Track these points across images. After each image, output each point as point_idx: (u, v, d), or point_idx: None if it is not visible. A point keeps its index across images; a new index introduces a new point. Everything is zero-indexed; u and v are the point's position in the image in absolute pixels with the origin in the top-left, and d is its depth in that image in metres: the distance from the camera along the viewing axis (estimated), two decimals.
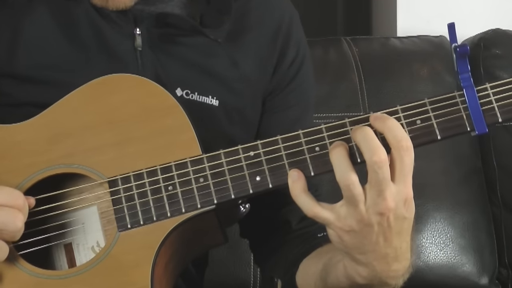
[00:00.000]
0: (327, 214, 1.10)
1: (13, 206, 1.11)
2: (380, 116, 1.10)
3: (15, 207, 1.11)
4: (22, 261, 1.14)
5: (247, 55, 1.41)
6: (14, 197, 1.12)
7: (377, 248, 1.11)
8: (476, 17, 2.40)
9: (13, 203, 1.11)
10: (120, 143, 1.18)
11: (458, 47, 1.12)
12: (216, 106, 1.36)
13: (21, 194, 1.13)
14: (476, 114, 1.12)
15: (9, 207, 1.10)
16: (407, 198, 1.09)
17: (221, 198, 1.14)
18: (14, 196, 1.12)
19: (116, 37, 1.32)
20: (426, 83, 2.12)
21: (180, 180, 1.15)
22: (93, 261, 1.14)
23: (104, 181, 1.16)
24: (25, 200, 1.12)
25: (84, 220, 1.21)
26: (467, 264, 2.05)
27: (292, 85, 1.46)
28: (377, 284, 1.16)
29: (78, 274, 1.14)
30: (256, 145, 1.15)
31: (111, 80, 1.22)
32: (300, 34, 1.50)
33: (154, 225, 1.14)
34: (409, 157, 1.07)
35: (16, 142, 1.19)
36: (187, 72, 1.35)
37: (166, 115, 1.19)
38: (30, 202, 1.14)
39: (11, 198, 1.11)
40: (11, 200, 1.11)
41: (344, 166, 1.07)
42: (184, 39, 1.35)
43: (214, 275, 1.67)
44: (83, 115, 1.20)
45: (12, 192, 1.12)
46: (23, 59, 1.30)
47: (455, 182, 2.09)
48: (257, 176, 1.14)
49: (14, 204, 1.11)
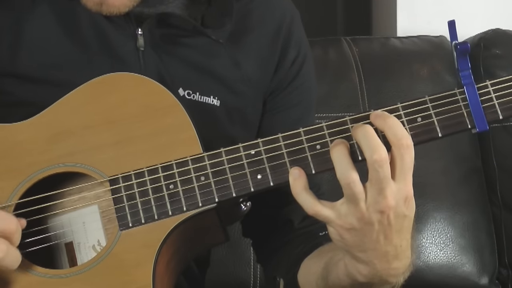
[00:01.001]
0: (327, 212, 1.10)
1: (2, 233, 1.09)
2: (381, 114, 1.10)
3: (4, 233, 1.09)
4: (24, 260, 1.14)
5: (248, 56, 1.41)
6: (5, 221, 1.10)
7: (378, 246, 1.11)
8: (476, 17, 2.40)
9: (2, 229, 1.09)
10: (120, 142, 1.18)
11: (458, 44, 1.12)
12: (217, 106, 1.37)
13: (14, 218, 1.11)
14: (476, 111, 1.12)
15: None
16: (408, 196, 1.09)
17: (222, 196, 1.14)
18: (5, 221, 1.10)
19: (118, 37, 1.32)
20: (426, 83, 2.12)
21: (181, 178, 1.15)
22: (95, 260, 1.14)
23: (105, 180, 1.16)
24: (18, 224, 1.11)
25: (85, 219, 1.21)
26: (467, 264, 2.05)
27: (294, 85, 1.46)
28: (378, 282, 1.17)
29: (80, 273, 1.14)
30: (257, 143, 1.15)
31: (111, 79, 1.22)
32: (301, 34, 1.50)
33: (155, 223, 1.14)
34: (410, 155, 1.07)
35: (17, 142, 1.19)
36: (188, 73, 1.35)
37: (167, 113, 1.19)
38: (22, 223, 1.13)
39: (3, 223, 1.10)
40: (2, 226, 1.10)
41: (344, 164, 1.07)
42: (185, 40, 1.36)
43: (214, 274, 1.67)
44: (83, 114, 1.20)
45: (3, 217, 1.11)
46: (25, 59, 1.30)
47: (455, 182, 2.10)
48: (258, 174, 1.14)
49: (4, 229, 1.09)
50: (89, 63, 1.31)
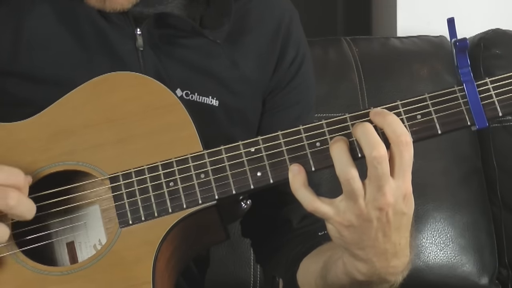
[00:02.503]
0: (326, 209, 1.10)
1: (12, 185, 1.10)
2: (380, 111, 1.11)
3: (14, 185, 1.11)
4: (24, 257, 1.15)
5: (247, 55, 1.41)
6: (13, 174, 1.12)
7: (376, 243, 1.11)
8: (476, 17, 2.40)
9: (12, 182, 1.11)
10: (121, 140, 1.18)
11: (457, 41, 1.12)
12: (216, 106, 1.37)
13: (21, 172, 1.12)
14: (476, 108, 1.12)
15: (6, 186, 1.10)
16: (406, 193, 1.09)
17: (222, 193, 1.14)
18: (13, 174, 1.12)
19: (118, 37, 1.33)
20: (426, 83, 2.12)
21: (181, 176, 1.15)
22: (95, 257, 1.14)
23: (105, 177, 1.16)
24: (25, 177, 1.12)
25: (86, 219, 1.21)
26: (467, 264, 2.05)
27: (293, 84, 1.47)
28: (376, 280, 1.17)
29: (80, 270, 1.14)
30: (257, 141, 1.15)
31: (111, 78, 1.22)
32: (300, 33, 1.50)
33: (155, 221, 1.14)
34: (409, 153, 1.07)
35: (18, 140, 1.19)
36: (187, 73, 1.36)
37: (167, 112, 1.19)
38: (29, 180, 1.14)
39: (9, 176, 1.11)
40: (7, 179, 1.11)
41: (344, 160, 1.07)
42: (184, 40, 1.36)
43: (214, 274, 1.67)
44: (84, 113, 1.20)
45: (11, 170, 1.12)
46: (26, 58, 1.31)
47: (455, 182, 2.10)
48: (258, 171, 1.14)
49: (14, 182, 1.11)
50: (89, 62, 1.32)
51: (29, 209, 1.13)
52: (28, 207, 1.12)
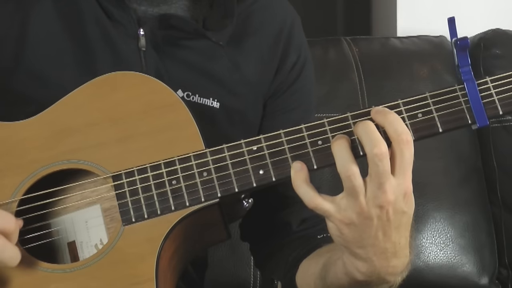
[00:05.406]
0: (327, 206, 1.10)
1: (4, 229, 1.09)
2: (381, 110, 1.11)
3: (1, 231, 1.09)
4: (27, 255, 1.15)
5: (248, 58, 1.42)
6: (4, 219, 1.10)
7: (376, 242, 1.12)
8: (476, 17, 2.40)
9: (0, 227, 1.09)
10: (123, 139, 1.19)
11: (458, 40, 1.13)
12: (217, 108, 1.37)
13: (12, 217, 1.11)
14: (477, 107, 1.12)
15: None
16: (407, 192, 1.09)
17: (224, 191, 1.14)
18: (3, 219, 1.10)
19: (121, 37, 1.33)
20: (426, 83, 2.12)
21: (184, 174, 1.15)
22: (98, 255, 1.15)
23: (108, 176, 1.17)
24: (16, 223, 1.11)
25: (87, 218, 1.21)
26: (467, 264, 2.05)
27: (293, 88, 1.47)
28: (376, 280, 1.17)
29: (83, 267, 1.14)
30: (259, 139, 1.15)
31: (114, 77, 1.23)
32: (301, 38, 1.50)
33: (158, 218, 1.15)
34: (409, 151, 1.08)
35: (20, 139, 1.20)
36: (188, 74, 1.36)
37: (169, 111, 1.20)
38: (19, 223, 1.13)
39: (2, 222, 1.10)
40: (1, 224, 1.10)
41: (345, 157, 1.07)
42: (186, 42, 1.36)
43: (214, 275, 1.67)
44: (86, 112, 1.21)
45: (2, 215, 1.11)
46: (29, 57, 1.31)
47: (455, 182, 2.10)
48: (260, 169, 1.14)
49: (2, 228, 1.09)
50: (92, 62, 1.32)
51: (12, 257, 1.10)
52: (11, 254, 1.10)
